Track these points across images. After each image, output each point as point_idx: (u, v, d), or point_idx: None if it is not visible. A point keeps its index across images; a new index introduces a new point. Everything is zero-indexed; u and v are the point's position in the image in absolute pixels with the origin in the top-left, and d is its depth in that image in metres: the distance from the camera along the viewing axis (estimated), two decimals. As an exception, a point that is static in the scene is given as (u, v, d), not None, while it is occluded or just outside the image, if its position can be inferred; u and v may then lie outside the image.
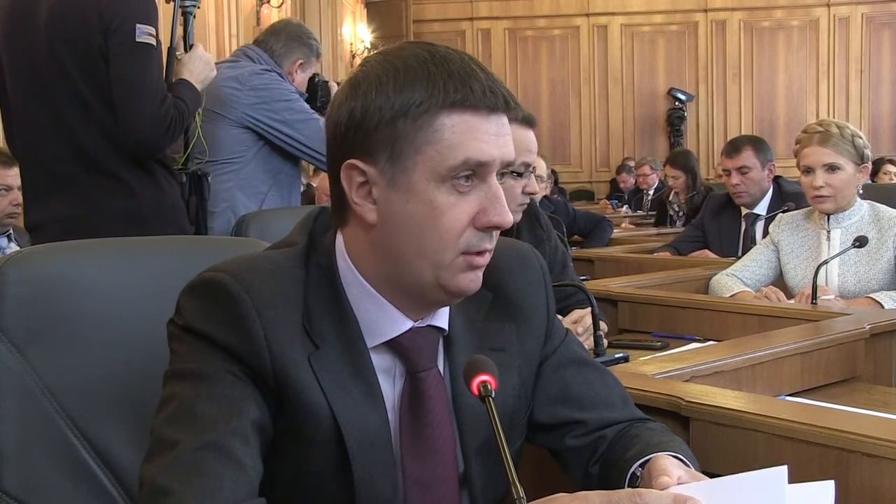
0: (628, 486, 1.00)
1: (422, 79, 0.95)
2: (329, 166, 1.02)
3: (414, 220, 0.96)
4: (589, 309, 1.82)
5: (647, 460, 1.00)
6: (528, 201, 2.04)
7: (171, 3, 2.48)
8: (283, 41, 2.88)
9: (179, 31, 2.48)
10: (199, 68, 2.41)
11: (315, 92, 2.96)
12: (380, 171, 0.96)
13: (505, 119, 0.99)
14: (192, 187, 2.50)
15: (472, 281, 0.99)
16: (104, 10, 2.15)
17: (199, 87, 2.38)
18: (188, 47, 2.47)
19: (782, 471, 0.83)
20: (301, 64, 2.91)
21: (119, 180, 2.22)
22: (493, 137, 0.96)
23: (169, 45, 2.39)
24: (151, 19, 2.19)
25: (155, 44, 2.19)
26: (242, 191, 2.73)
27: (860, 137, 2.47)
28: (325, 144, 1.03)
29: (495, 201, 0.97)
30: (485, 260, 0.99)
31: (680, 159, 5.31)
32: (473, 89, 0.95)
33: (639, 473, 1.01)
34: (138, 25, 2.14)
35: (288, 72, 2.89)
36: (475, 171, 0.96)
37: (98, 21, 2.15)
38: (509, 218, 0.98)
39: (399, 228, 0.97)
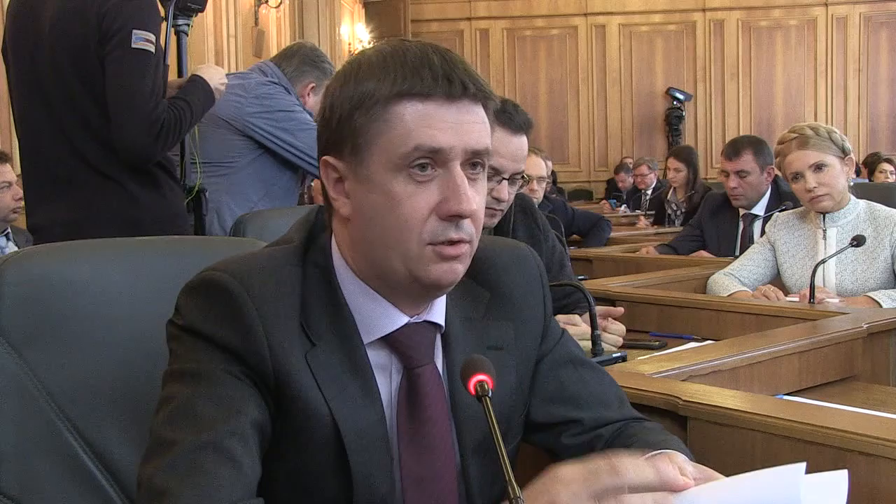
0: None
1: (376, 71, 0.96)
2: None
3: (376, 211, 0.96)
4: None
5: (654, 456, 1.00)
6: (499, 207, 2.03)
7: (165, 23, 2.48)
8: (295, 64, 2.88)
9: (173, 50, 2.48)
10: (214, 74, 2.41)
11: None
12: (346, 165, 0.98)
13: (472, 106, 0.97)
14: (190, 203, 2.51)
15: (447, 272, 0.97)
16: (104, 16, 2.14)
17: (213, 88, 2.38)
18: (184, 66, 2.48)
19: (799, 468, 0.81)
20: (313, 87, 2.91)
21: (120, 185, 2.22)
22: (452, 125, 0.95)
23: (163, 62, 2.38)
24: (150, 26, 2.18)
25: (153, 50, 2.17)
26: (231, 196, 2.72)
27: (835, 132, 2.50)
28: None
29: (456, 189, 0.95)
30: (458, 250, 0.97)
31: (684, 153, 5.37)
32: (423, 77, 0.94)
33: None
34: (135, 31, 2.14)
35: (300, 94, 2.88)
36: (434, 160, 0.95)
37: (97, 27, 2.15)
38: (472, 206, 0.96)
39: (367, 221, 0.98)
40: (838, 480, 0.87)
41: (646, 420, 1.16)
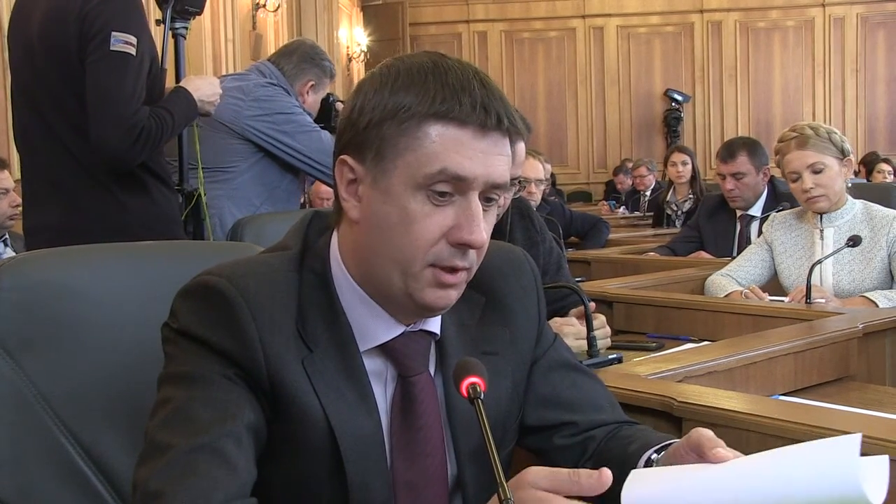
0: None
1: (416, 85, 0.95)
2: (333, 161, 1.04)
3: (387, 222, 0.96)
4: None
5: (666, 446, 1.00)
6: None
7: (162, 26, 2.48)
8: (294, 62, 2.86)
9: (171, 53, 2.48)
10: (204, 87, 2.39)
11: (329, 112, 2.94)
12: (366, 170, 0.98)
13: (501, 139, 0.97)
14: (188, 206, 2.50)
15: (441, 298, 0.98)
16: (84, 18, 2.13)
17: (196, 103, 2.36)
18: (181, 70, 2.47)
19: (856, 439, 0.80)
20: (312, 85, 2.89)
21: (107, 190, 2.20)
22: (480, 155, 0.95)
23: (160, 65, 2.37)
24: (131, 28, 2.15)
25: (134, 53, 2.14)
26: (233, 201, 2.71)
27: (835, 133, 2.50)
28: (330, 156, 1.04)
29: (470, 219, 0.95)
30: (456, 279, 0.97)
31: (684, 147, 5.41)
32: (462, 103, 0.94)
33: (654, 459, 1.01)
34: (114, 33, 2.11)
35: (299, 93, 2.86)
36: (455, 186, 0.95)
37: (78, 29, 2.13)
38: (482, 238, 0.96)
39: (376, 230, 0.97)
40: (880, 464, 0.85)
41: (637, 423, 1.16)
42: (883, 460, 0.86)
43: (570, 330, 1.80)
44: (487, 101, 0.94)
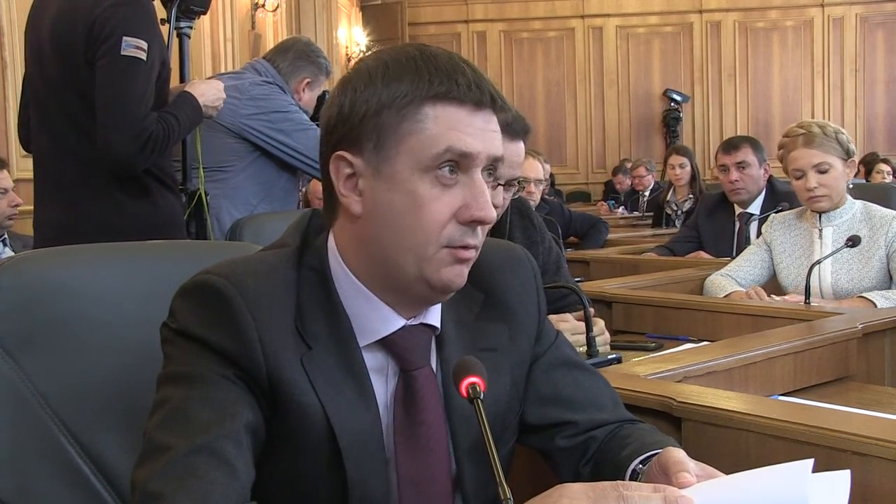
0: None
1: (409, 72, 0.97)
2: (320, 162, 1.03)
3: (396, 210, 0.96)
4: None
5: (652, 456, 1.00)
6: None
7: (167, 25, 2.47)
8: (290, 60, 2.86)
9: (175, 52, 2.48)
10: (209, 92, 2.39)
11: None
12: (365, 162, 0.98)
13: (492, 116, 0.99)
14: (191, 207, 2.50)
15: (458, 276, 0.99)
16: (94, 22, 2.13)
17: (202, 108, 2.36)
18: (186, 69, 2.47)
19: (807, 465, 0.82)
20: (308, 83, 2.89)
21: (106, 192, 2.21)
22: (479, 131, 0.97)
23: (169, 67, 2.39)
24: (142, 32, 2.15)
25: (144, 58, 2.14)
26: (230, 200, 2.71)
27: (843, 133, 2.50)
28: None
29: (479, 195, 0.97)
30: (469, 254, 0.99)
31: (683, 149, 5.43)
32: (458, 83, 0.96)
33: (639, 470, 1.01)
34: (125, 38, 2.11)
35: (294, 90, 2.86)
36: (459, 164, 0.96)
37: (88, 32, 2.14)
38: (492, 213, 0.98)
39: (382, 220, 0.97)
40: (841, 480, 0.87)
41: (639, 422, 1.16)
42: (844, 475, 0.87)
43: (565, 326, 1.79)
44: (479, 80, 0.98)
